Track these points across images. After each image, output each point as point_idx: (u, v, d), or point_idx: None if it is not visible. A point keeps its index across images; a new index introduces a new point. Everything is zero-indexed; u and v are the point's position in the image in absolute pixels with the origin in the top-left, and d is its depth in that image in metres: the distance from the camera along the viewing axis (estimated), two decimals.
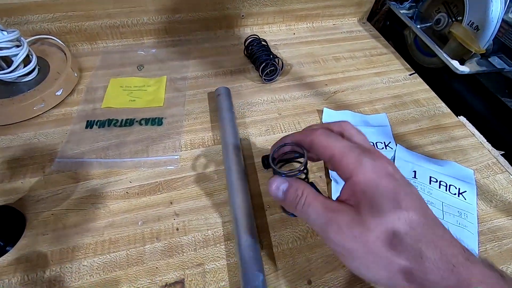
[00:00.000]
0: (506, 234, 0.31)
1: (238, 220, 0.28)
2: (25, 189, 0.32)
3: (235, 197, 0.30)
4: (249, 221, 0.28)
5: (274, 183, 0.21)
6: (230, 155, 0.33)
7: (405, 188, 0.18)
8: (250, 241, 0.26)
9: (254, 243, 0.26)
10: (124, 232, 0.29)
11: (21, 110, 0.37)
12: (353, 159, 0.19)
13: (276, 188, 0.21)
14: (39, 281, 0.26)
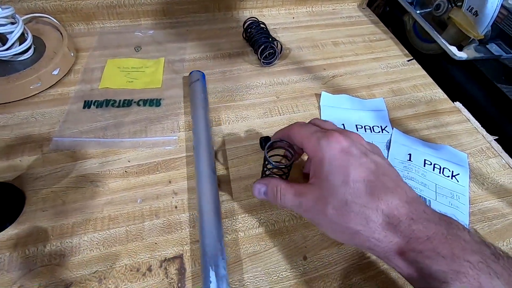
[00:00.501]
0: (496, 215, 0.32)
1: (203, 211, 0.28)
2: (24, 167, 0.32)
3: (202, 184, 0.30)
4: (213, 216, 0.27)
5: (256, 189, 0.26)
6: (201, 149, 0.32)
7: (358, 160, 0.21)
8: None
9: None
10: (123, 209, 0.30)
11: (17, 89, 0.36)
12: (313, 141, 0.22)
13: (258, 192, 0.26)
14: (40, 255, 0.26)
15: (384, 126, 0.39)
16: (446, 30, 0.46)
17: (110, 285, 0.25)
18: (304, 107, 0.40)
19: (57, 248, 0.27)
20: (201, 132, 0.34)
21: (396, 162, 0.35)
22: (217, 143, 0.36)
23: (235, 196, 0.31)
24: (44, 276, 0.25)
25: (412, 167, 0.34)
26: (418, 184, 0.33)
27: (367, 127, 0.39)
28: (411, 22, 0.53)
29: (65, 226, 0.28)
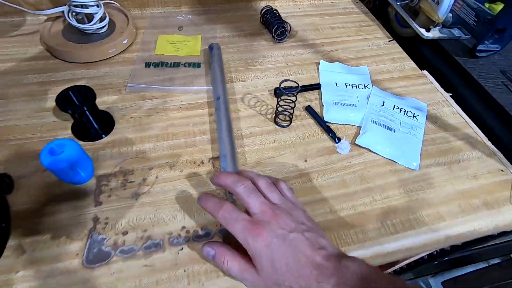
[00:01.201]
0: (442, 141, 0.45)
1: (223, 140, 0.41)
2: (110, 102, 0.45)
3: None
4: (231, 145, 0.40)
5: (205, 251, 0.30)
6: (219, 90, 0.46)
7: (279, 249, 0.26)
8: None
9: None
10: (181, 129, 0.43)
11: (100, 52, 0.50)
12: (242, 239, 0.27)
13: (207, 254, 0.30)
14: (130, 152, 0.40)
15: (366, 84, 0.52)
16: (418, 17, 0.59)
17: (177, 170, 0.39)
18: (307, 71, 0.54)
19: (140, 149, 0.41)
20: (218, 81, 0.47)
21: (373, 107, 0.48)
22: (241, 93, 0.49)
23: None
24: (134, 163, 0.39)
25: (384, 110, 0.47)
26: (388, 120, 0.46)
27: (354, 85, 0.52)
28: (393, 12, 0.67)
29: (144, 137, 0.42)
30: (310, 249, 0.27)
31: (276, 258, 0.26)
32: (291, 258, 0.26)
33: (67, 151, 0.32)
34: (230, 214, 0.29)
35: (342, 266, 0.26)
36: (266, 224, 0.28)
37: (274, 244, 0.27)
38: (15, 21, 0.56)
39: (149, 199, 0.36)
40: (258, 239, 0.27)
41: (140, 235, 0.33)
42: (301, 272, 0.26)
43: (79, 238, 0.32)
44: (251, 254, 0.27)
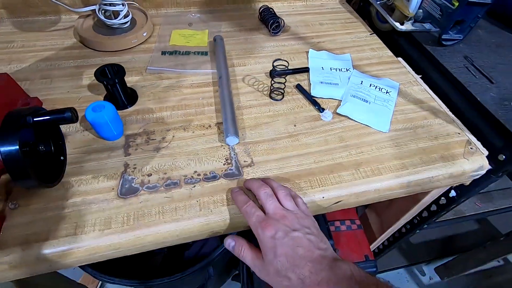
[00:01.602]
0: (410, 111, 0.54)
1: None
2: (134, 81, 0.55)
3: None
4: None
5: (227, 242, 0.37)
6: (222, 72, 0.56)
7: (281, 242, 0.32)
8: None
9: None
10: (193, 102, 0.52)
11: (124, 42, 0.60)
12: (254, 230, 0.34)
13: (228, 245, 0.37)
14: (151, 118, 0.49)
15: (348, 68, 0.61)
16: (394, 13, 0.69)
17: (190, 131, 0.48)
18: (298, 58, 0.63)
19: (159, 116, 0.50)
20: (222, 64, 0.57)
21: (352, 85, 0.57)
22: (242, 75, 0.58)
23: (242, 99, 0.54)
24: (155, 126, 0.48)
25: (362, 87, 0.56)
26: (364, 95, 0.55)
27: (337, 69, 0.61)
28: (374, 10, 0.77)
29: (162, 107, 0.51)
30: (309, 246, 0.32)
31: (278, 247, 0.32)
32: (290, 249, 0.31)
33: (105, 110, 0.42)
34: (250, 209, 0.36)
35: (335, 265, 0.31)
36: (275, 221, 0.33)
37: (278, 236, 0.32)
38: (52, 19, 0.67)
39: (168, 151, 0.45)
40: (265, 231, 0.33)
41: (162, 176, 0.42)
42: (297, 262, 0.31)
43: (114, 178, 0.41)
44: (260, 244, 0.33)
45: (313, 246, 0.32)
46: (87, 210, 0.38)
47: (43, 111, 0.34)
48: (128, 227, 0.37)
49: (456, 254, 1.14)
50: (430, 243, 1.29)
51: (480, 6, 0.58)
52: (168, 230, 0.38)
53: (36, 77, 0.54)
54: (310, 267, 0.31)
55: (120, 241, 0.36)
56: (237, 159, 0.45)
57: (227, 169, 0.43)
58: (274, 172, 0.44)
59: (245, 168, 0.44)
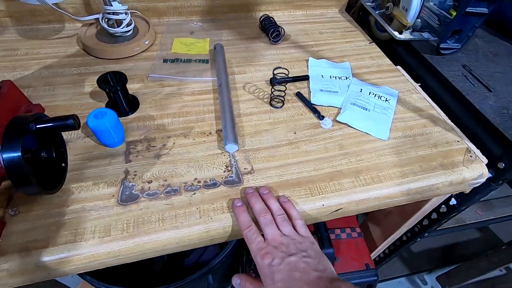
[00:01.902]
0: (409, 119, 0.54)
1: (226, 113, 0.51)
2: (135, 89, 0.56)
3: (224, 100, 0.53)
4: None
5: (234, 281, 0.38)
6: (223, 81, 0.56)
7: (278, 268, 0.33)
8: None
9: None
10: (193, 109, 0.53)
11: (126, 50, 0.61)
12: (253, 256, 0.35)
13: (235, 283, 0.38)
14: (152, 125, 0.50)
15: (348, 76, 0.62)
16: (392, 22, 0.70)
17: (190, 138, 0.48)
18: (298, 66, 0.64)
19: (160, 123, 0.50)
20: (222, 72, 0.57)
21: (352, 93, 0.57)
22: (243, 83, 0.59)
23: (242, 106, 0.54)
24: (156, 133, 0.48)
25: (361, 95, 0.57)
26: (364, 102, 0.55)
27: (337, 77, 0.62)
28: (373, 20, 0.78)
29: (163, 114, 0.51)
30: (305, 269, 0.33)
31: (275, 274, 0.33)
32: (286, 275, 0.32)
33: (107, 117, 0.42)
34: (251, 235, 0.37)
35: (332, 285, 0.31)
36: (273, 249, 0.35)
37: (275, 263, 0.33)
38: (56, 27, 0.68)
39: (168, 158, 0.45)
40: (264, 259, 0.34)
41: (162, 183, 0.42)
42: (293, 285, 0.31)
43: (114, 185, 0.41)
44: (258, 270, 0.35)
45: (310, 269, 0.33)
46: (87, 217, 0.38)
47: (46, 118, 0.35)
48: (128, 234, 0.37)
49: (458, 263, 1.13)
50: (431, 252, 1.28)
51: (477, 16, 0.59)
52: (167, 237, 0.37)
53: (39, 84, 0.54)
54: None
55: (120, 249, 0.36)
56: (237, 166, 0.45)
57: (227, 176, 0.44)
58: (274, 180, 0.44)
59: (245, 175, 0.44)
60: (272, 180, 0.43)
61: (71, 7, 0.66)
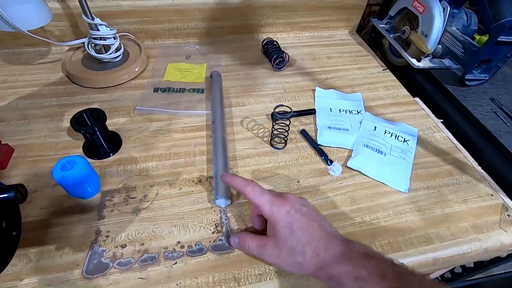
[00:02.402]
0: (432, 165, 0.47)
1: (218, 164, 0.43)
2: (120, 124, 0.49)
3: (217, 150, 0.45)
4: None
5: (232, 240, 0.35)
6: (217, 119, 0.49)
7: (296, 217, 0.31)
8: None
9: None
10: (182, 149, 0.46)
11: (113, 78, 0.55)
12: (267, 208, 0.32)
13: (234, 242, 0.35)
14: (134, 169, 0.43)
15: (359, 110, 0.55)
16: (409, 48, 0.63)
17: (176, 187, 0.41)
18: (303, 97, 0.57)
19: (144, 167, 0.44)
20: (217, 106, 0.51)
21: (365, 131, 0.50)
22: (241, 117, 0.52)
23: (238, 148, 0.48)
24: (137, 180, 0.42)
25: (376, 134, 0.50)
26: (379, 144, 0.48)
27: (347, 111, 0.55)
28: (387, 43, 0.71)
29: (148, 156, 0.45)
30: (321, 221, 0.32)
31: (294, 222, 0.31)
32: (305, 223, 0.31)
33: (76, 168, 0.36)
34: (259, 188, 0.33)
35: (348, 242, 0.30)
36: (287, 198, 0.33)
37: (292, 212, 0.31)
38: (41, 50, 0.63)
39: (148, 214, 0.38)
40: (281, 208, 0.31)
41: (138, 248, 0.35)
42: (313, 235, 0.30)
43: (81, 250, 0.35)
44: (272, 221, 0.31)
45: (324, 223, 0.32)
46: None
47: None
48: None
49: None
50: None
51: (510, 45, 0.52)
52: None
53: (13, 118, 0.49)
54: (325, 241, 0.30)
55: None
56: (228, 225, 0.38)
57: (216, 240, 0.37)
58: None
59: None
60: None
61: (58, 29, 0.61)
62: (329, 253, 0.29)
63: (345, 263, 0.28)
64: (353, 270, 0.27)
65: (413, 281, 0.26)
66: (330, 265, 0.28)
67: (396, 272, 0.27)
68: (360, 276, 0.27)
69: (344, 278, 0.27)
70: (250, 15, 0.68)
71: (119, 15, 0.61)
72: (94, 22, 0.53)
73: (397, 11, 0.66)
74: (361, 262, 0.28)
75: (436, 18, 0.56)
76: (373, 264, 0.27)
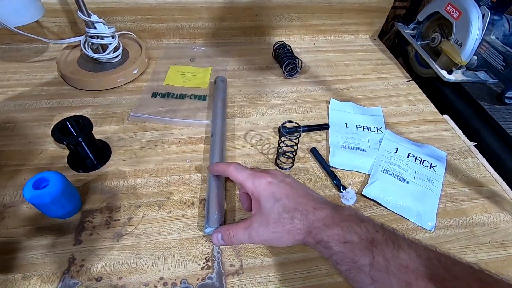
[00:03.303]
0: (464, 198, 0.40)
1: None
2: (111, 132, 0.45)
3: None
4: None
5: (214, 238, 0.32)
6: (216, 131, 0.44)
7: (279, 186, 0.29)
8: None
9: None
10: (177, 165, 0.42)
11: (109, 81, 0.51)
12: (249, 183, 0.31)
13: (217, 239, 0.32)
14: (121, 186, 0.39)
15: (379, 127, 0.48)
16: (439, 58, 0.56)
17: (166, 210, 0.37)
18: (316, 110, 0.51)
19: (132, 183, 0.39)
20: (218, 117, 0.46)
21: (384, 153, 0.44)
22: (244, 129, 0.47)
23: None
24: (123, 199, 0.37)
25: (397, 157, 0.43)
26: (400, 169, 0.42)
27: (365, 127, 0.48)
28: (413, 51, 0.64)
29: (138, 171, 0.40)
30: (306, 189, 0.31)
31: (277, 191, 0.29)
32: (290, 191, 0.29)
33: (50, 186, 0.31)
34: (239, 166, 0.33)
35: (337, 206, 0.29)
36: (268, 171, 0.32)
37: (274, 182, 0.30)
38: (39, 47, 0.59)
39: (131, 241, 0.34)
40: (261, 180, 0.30)
41: (115, 283, 0.31)
42: (299, 200, 0.29)
43: (50, 281, 0.30)
44: (256, 195, 0.30)
45: (311, 191, 0.31)
46: None
47: None
48: None
49: None
50: None
51: None
52: None
53: None
54: (313, 204, 0.29)
55: None
56: (221, 261, 0.33)
57: (205, 277, 0.31)
58: (272, 286, 0.31)
59: (229, 278, 0.32)
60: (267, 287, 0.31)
61: (55, 26, 0.57)
62: (318, 215, 0.28)
63: (334, 226, 0.27)
64: (342, 233, 0.26)
65: (403, 245, 0.24)
66: (318, 228, 0.27)
67: (387, 236, 0.25)
68: (350, 241, 0.25)
69: (332, 241, 0.26)
70: (262, 15, 0.63)
71: (120, 12, 0.57)
72: (91, 20, 0.48)
73: (427, 15, 0.59)
74: (351, 226, 0.26)
75: (473, 26, 0.48)
76: (363, 228, 0.26)
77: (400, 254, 0.24)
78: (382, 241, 0.25)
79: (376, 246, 0.25)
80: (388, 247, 0.24)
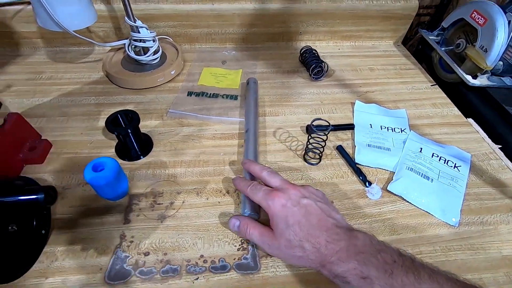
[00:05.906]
0: (489, 197, 0.41)
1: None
2: (152, 126, 0.49)
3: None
4: None
5: (231, 223, 0.35)
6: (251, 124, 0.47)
7: (292, 210, 0.30)
8: None
9: None
10: (212, 157, 0.45)
11: (150, 80, 0.56)
12: (265, 204, 0.32)
13: (233, 225, 0.34)
14: (163, 174, 0.42)
15: (403, 128, 0.50)
16: (464, 63, 0.57)
17: (203, 197, 0.40)
18: (341, 111, 0.54)
19: (172, 172, 0.43)
20: (251, 114, 0.49)
21: (409, 152, 0.46)
22: (274, 127, 0.50)
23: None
24: (165, 186, 0.41)
25: (421, 156, 0.45)
26: (425, 168, 0.43)
27: (389, 128, 0.50)
28: (437, 57, 0.65)
29: (177, 161, 0.44)
30: (321, 215, 0.30)
31: (290, 216, 0.30)
32: (303, 218, 0.30)
33: (107, 169, 0.35)
34: (256, 186, 0.34)
35: (352, 235, 0.29)
36: (284, 190, 0.32)
37: (289, 205, 0.31)
38: (85, 50, 0.65)
39: (173, 222, 0.37)
40: (275, 200, 0.31)
41: (160, 258, 0.34)
42: (311, 232, 0.29)
43: (105, 253, 0.34)
44: (270, 215, 0.31)
45: (325, 215, 0.31)
46: None
47: (18, 184, 0.28)
48: None
49: None
50: None
51: None
52: None
53: (54, 114, 0.50)
54: (326, 236, 0.29)
55: None
56: (255, 244, 0.36)
57: (241, 258, 0.34)
58: (299, 270, 0.34)
59: (263, 259, 0.34)
60: (295, 271, 0.33)
61: (102, 31, 0.63)
62: (331, 250, 0.28)
63: (350, 260, 0.26)
64: (359, 267, 0.26)
65: (425, 275, 0.25)
66: (333, 263, 0.27)
67: (406, 266, 0.25)
68: (368, 276, 0.25)
69: (350, 276, 0.26)
70: (290, 22, 0.66)
71: (160, 18, 0.62)
72: (136, 24, 0.53)
73: (452, 22, 0.61)
74: (367, 258, 0.26)
75: (499, 32, 0.50)
76: (380, 260, 0.26)
77: (422, 287, 0.24)
78: (403, 274, 0.25)
79: (397, 280, 0.25)
80: (409, 279, 0.24)
